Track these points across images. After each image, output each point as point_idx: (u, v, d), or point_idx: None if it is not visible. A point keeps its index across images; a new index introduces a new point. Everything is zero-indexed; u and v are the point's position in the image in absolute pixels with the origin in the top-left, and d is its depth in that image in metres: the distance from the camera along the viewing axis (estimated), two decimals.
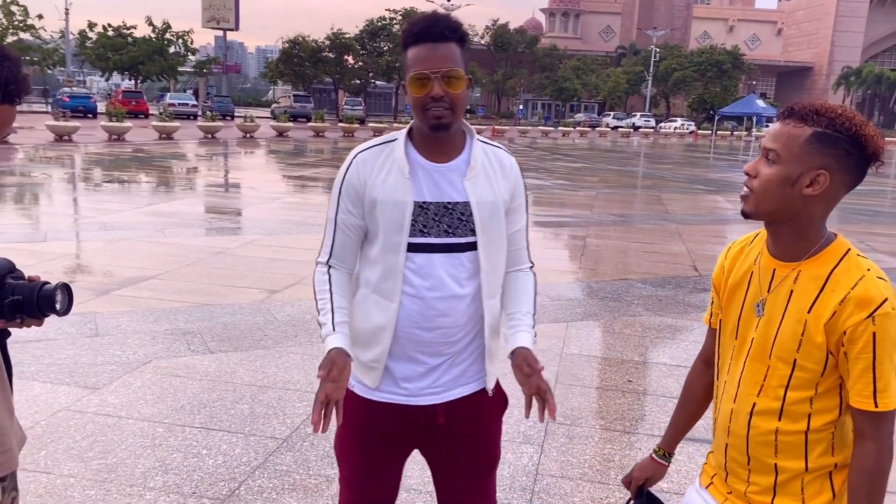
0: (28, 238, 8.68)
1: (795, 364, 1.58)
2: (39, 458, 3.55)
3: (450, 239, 1.90)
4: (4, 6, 44.29)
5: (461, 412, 1.98)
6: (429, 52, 1.82)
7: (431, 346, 1.93)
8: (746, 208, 1.61)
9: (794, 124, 1.53)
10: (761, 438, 1.64)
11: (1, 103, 1.55)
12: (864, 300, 1.49)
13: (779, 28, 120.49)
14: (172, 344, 5.25)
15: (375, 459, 2.03)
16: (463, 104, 1.86)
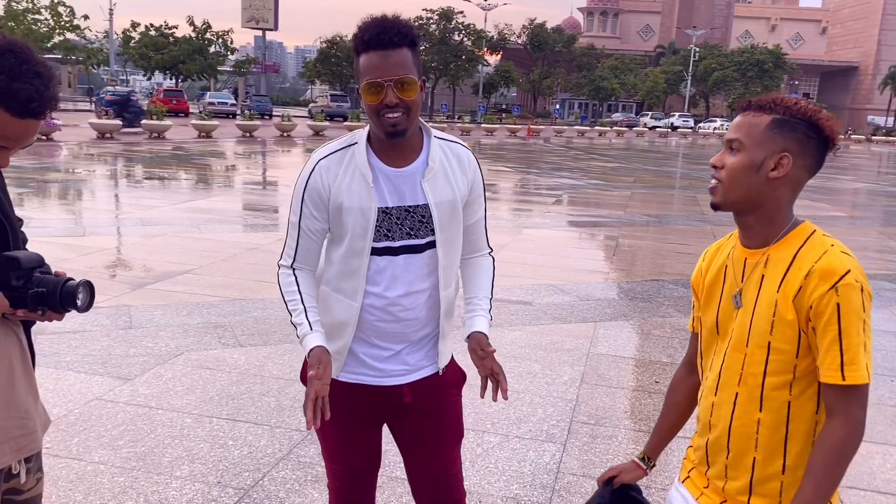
0: (69, 232, 8.91)
1: (770, 347, 1.59)
2: (72, 444, 3.65)
3: (412, 241, 1.99)
4: (52, 7, 45.33)
5: (425, 390, 2.11)
6: (381, 60, 1.84)
7: (394, 336, 2.05)
8: (715, 199, 1.65)
9: (753, 114, 1.61)
10: (743, 430, 1.64)
11: (23, 117, 1.59)
12: (826, 272, 1.51)
13: (823, 27, 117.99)
14: (204, 337, 5.35)
15: (350, 432, 2.14)
16: (417, 108, 1.91)
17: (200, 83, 67.06)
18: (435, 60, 67.04)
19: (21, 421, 1.77)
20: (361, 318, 2.01)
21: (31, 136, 1.66)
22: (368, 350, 2.06)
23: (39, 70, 1.59)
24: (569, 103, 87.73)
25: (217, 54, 60.42)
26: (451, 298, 2.10)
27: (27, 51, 1.60)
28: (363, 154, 1.95)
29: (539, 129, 50.94)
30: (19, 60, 1.56)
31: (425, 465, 2.20)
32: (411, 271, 2.00)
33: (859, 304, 1.51)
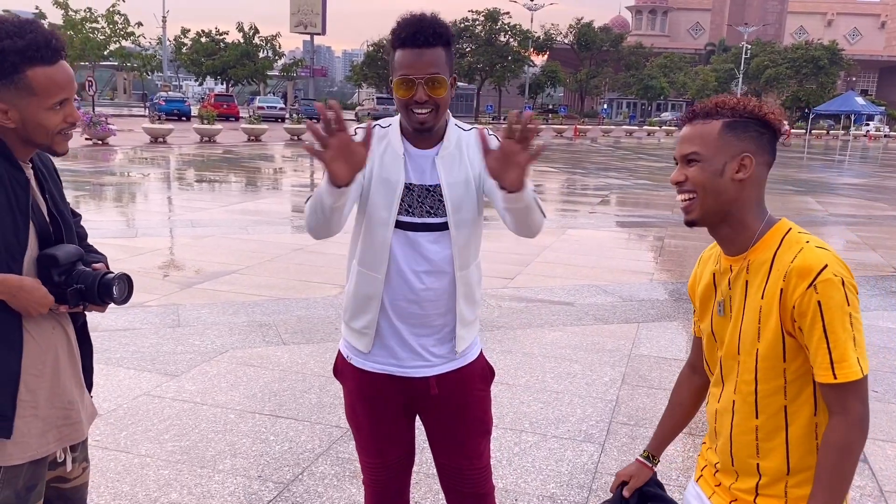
0: (121, 234, 9.17)
1: (758, 354, 1.58)
2: (120, 438, 3.77)
3: (431, 219, 2.03)
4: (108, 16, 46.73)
5: (452, 383, 2.14)
6: (414, 58, 1.91)
7: (416, 318, 2.07)
8: (692, 215, 1.63)
9: (702, 122, 1.61)
10: (743, 438, 1.64)
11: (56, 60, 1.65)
12: (803, 270, 1.50)
13: (882, 21, 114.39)
14: (249, 335, 5.46)
15: (382, 423, 2.18)
16: (446, 105, 1.98)
17: (250, 88, 68.29)
18: (481, 62, 67.07)
19: (65, 411, 1.84)
20: (385, 295, 2.05)
21: (72, 76, 1.72)
22: (395, 338, 2.09)
23: (22, 22, 1.66)
24: (617, 103, 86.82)
25: (266, 59, 61.46)
26: (469, 280, 2.11)
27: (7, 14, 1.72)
28: (397, 133, 2.05)
29: (586, 129, 50.51)
30: (11, 22, 1.64)
31: (451, 456, 2.23)
32: (430, 249, 2.04)
33: (841, 298, 1.48)
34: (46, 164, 1.88)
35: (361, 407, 2.18)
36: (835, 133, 61.39)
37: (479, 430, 2.23)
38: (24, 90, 1.63)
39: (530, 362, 5.09)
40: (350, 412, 2.23)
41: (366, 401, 2.17)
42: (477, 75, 68.49)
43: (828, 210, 14.63)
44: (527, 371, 4.93)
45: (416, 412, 2.24)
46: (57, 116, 1.69)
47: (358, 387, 2.17)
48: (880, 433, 4.20)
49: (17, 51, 1.59)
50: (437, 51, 1.93)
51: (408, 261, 2.03)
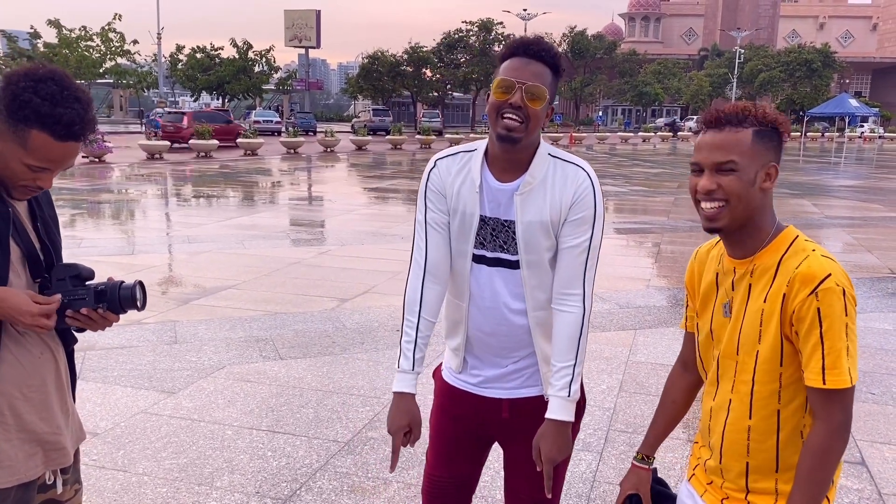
0: (118, 251, 9.18)
1: (758, 356, 1.61)
2: (117, 457, 3.77)
3: (503, 255, 2.00)
4: (103, 34, 46.81)
5: (526, 410, 2.08)
6: (520, 64, 1.90)
7: (494, 349, 2.07)
8: (720, 223, 1.61)
9: (734, 130, 1.60)
10: (735, 436, 1.66)
11: (66, 140, 1.68)
12: (807, 277, 1.53)
13: (874, 23, 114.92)
14: (246, 351, 5.46)
15: (451, 439, 2.19)
16: (538, 122, 1.90)
17: (246, 102, 68.44)
18: (476, 72, 67.20)
19: (54, 436, 1.85)
20: (468, 324, 2.07)
21: (72, 158, 1.74)
22: (475, 359, 2.11)
23: (79, 95, 1.68)
24: (612, 110, 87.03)
25: (261, 73, 61.60)
26: (545, 322, 2.03)
27: (66, 78, 1.69)
28: (478, 162, 2.00)
29: (582, 137, 50.61)
30: (60, 87, 1.65)
31: (521, 485, 2.16)
32: (505, 285, 2.01)
33: (841, 309, 1.52)
34: (45, 192, 1.89)
35: (439, 417, 2.21)
36: (830, 135, 61.54)
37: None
38: (19, 139, 1.65)
39: None
40: (432, 417, 2.26)
41: (446, 412, 2.19)
42: (472, 85, 68.63)
43: (823, 212, 14.66)
44: None
45: (492, 436, 2.18)
46: (30, 175, 1.70)
47: (441, 397, 2.21)
48: (878, 435, 4.21)
49: (38, 113, 1.62)
50: (544, 67, 1.91)
51: (483, 294, 2.02)
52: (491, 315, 2.02)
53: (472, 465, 2.23)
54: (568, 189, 1.94)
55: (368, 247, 9.83)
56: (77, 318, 1.80)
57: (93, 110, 1.73)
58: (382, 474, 3.64)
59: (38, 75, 1.65)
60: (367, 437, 4.05)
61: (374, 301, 6.92)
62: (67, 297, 1.78)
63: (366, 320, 6.30)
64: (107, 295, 1.81)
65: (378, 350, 5.52)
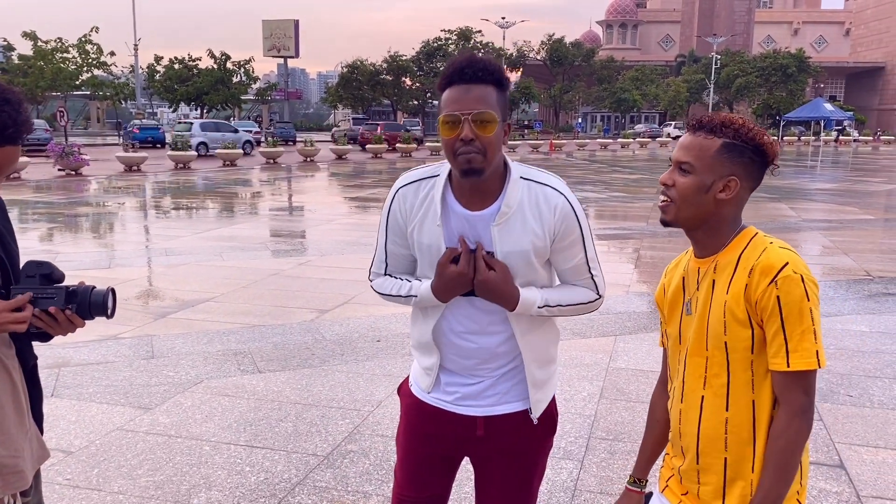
0: (95, 265, 9.06)
1: (727, 347, 1.65)
2: (92, 475, 3.70)
3: None
4: (80, 45, 46.45)
5: (501, 428, 2.02)
6: (461, 94, 1.77)
7: (469, 368, 2.02)
8: (667, 217, 1.74)
9: (704, 136, 1.67)
10: (711, 432, 1.68)
11: (2, 145, 1.63)
12: (766, 267, 1.59)
13: (847, 28, 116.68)
14: (223, 364, 5.40)
15: (421, 458, 2.12)
16: (495, 148, 1.80)
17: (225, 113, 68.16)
18: None
19: (11, 460, 1.80)
20: (442, 342, 2.00)
21: (13, 163, 1.69)
22: (450, 377, 2.04)
23: (8, 97, 1.63)
24: (591, 117, 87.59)
25: (240, 84, 61.39)
26: (536, 345, 1.99)
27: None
28: (440, 190, 1.89)
29: (562, 144, 50.88)
30: None
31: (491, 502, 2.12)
32: (484, 313, 1.94)
33: (800, 293, 1.58)
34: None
35: (407, 435, 2.13)
36: (806, 139, 62.28)
37: (524, 479, 2.08)
38: None
39: None
40: (400, 436, 2.18)
41: (413, 430, 2.11)
42: None
43: (801, 216, 14.81)
44: None
45: (465, 455, 2.13)
46: None
47: (409, 414, 2.12)
48: (856, 438, 4.23)
49: None
50: (486, 88, 1.78)
51: (460, 321, 1.96)
52: (468, 340, 1.97)
53: (443, 485, 2.16)
54: (546, 216, 1.87)
55: (348, 256, 9.79)
56: (42, 318, 1.71)
57: (25, 111, 1.67)
58: (362, 488, 3.61)
59: None
60: (346, 451, 4.01)
61: (353, 312, 6.88)
62: (36, 294, 1.70)
63: (345, 331, 6.26)
64: (77, 297, 1.72)
65: (358, 361, 5.48)
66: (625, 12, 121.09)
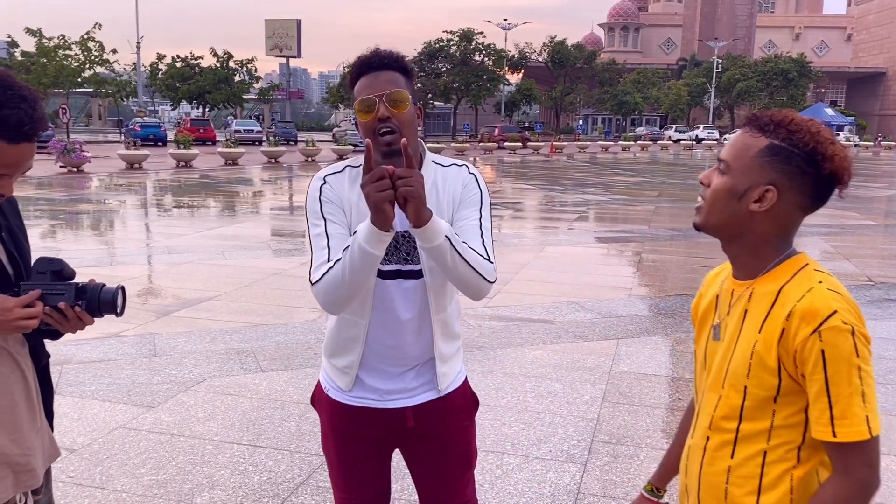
0: (96, 262, 9.06)
1: (746, 392, 1.45)
2: (95, 473, 3.70)
3: (403, 266, 1.98)
4: (82, 43, 46.40)
5: (430, 415, 2.08)
6: (371, 80, 1.89)
7: (393, 361, 2.04)
8: (697, 220, 1.54)
9: (751, 133, 1.44)
10: (712, 479, 1.52)
11: (18, 142, 1.62)
12: (808, 313, 1.35)
13: (848, 34, 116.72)
14: (226, 363, 5.40)
15: (356, 459, 2.13)
16: (410, 127, 1.89)
17: (227, 111, 68.18)
18: (457, 81, 67.43)
19: (23, 458, 1.80)
20: (367, 338, 2.01)
21: (28, 160, 1.67)
22: (372, 373, 2.06)
23: (24, 94, 1.62)
24: (592, 119, 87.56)
25: (242, 83, 61.38)
26: (446, 320, 2.07)
27: (8, 78, 1.63)
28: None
29: (562, 146, 50.88)
30: (3, 87, 1.59)
31: (433, 491, 2.18)
32: (405, 297, 1.98)
33: (849, 350, 1.34)
34: (9, 200, 1.85)
35: (335, 440, 2.14)
36: None
37: (462, 463, 2.17)
38: None
39: (511, 382, 5.08)
40: (324, 444, 2.19)
41: (340, 434, 2.12)
42: (453, 94, 68.83)
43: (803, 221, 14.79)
44: (508, 392, 4.91)
45: (395, 447, 2.19)
46: None
47: (334, 419, 2.12)
48: None
49: None
50: (394, 73, 1.90)
51: (386, 307, 1.99)
52: (394, 328, 1.99)
53: (383, 480, 2.19)
54: (456, 185, 2.00)
55: None
56: (51, 315, 1.71)
57: (41, 108, 1.66)
58: None
59: None
60: None
61: None
62: (45, 291, 1.71)
63: None
64: (87, 294, 1.73)
65: None
66: (626, 15, 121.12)
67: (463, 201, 1.99)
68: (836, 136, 1.53)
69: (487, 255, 1.92)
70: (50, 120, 39.50)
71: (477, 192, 2.01)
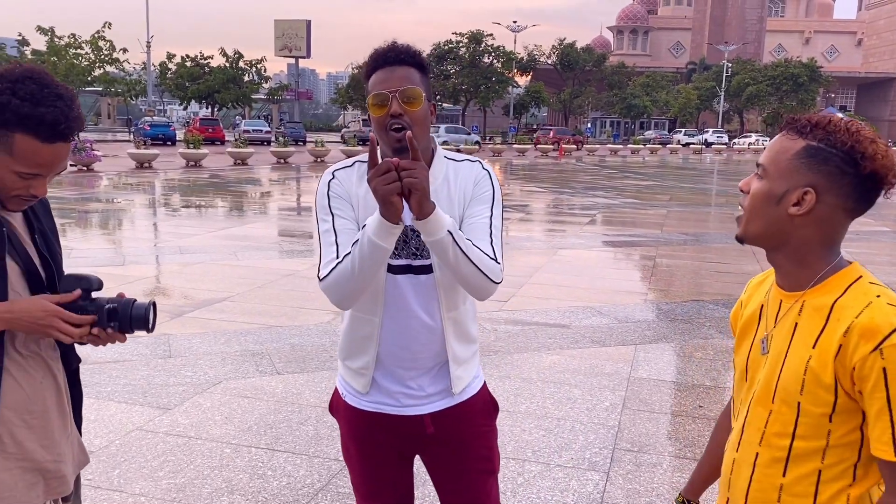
0: (109, 262, 9.05)
1: (800, 409, 1.40)
2: (113, 476, 3.66)
3: (413, 261, 1.95)
4: (93, 41, 46.59)
5: (449, 421, 2.05)
6: (386, 75, 1.86)
7: (407, 363, 2.00)
8: (738, 230, 1.49)
9: (789, 137, 1.41)
10: (762, 496, 1.46)
11: (53, 141, 1.58)
12: (869, 330, 1.30)
13: (859, 39, 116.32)
14: (242, 365, 5.36)
15: (376, 465, 2.10)
16: (423, 124, 1.88)
17: (235, 111, 68.34)
18: (465, 83, 67.44)
19: (54, 465, 1.76)
20: (381, 338, 1.98)
21: (63, 160, 1.64)
22: (389, 377, 2.02)
23: (61, 92, 1.59)
24: (600, 122, 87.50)
25: (251, 83, 61.50)
26: (460, 320, 2.03)
27: (46, 76, 1.60)
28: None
29: (571, 149, 50.77)
30: (40, 86, 1.56)
31: (456, 498, 2.14)
32: (416, 293, 1.96)
33: None
34: (41, 201, 1.81)
35: (356, 447, 2.11)
36: None
37: (484, 468, 2.13)
38: (3, 146, 1.56)
39: (529, 388, 5.03)
40: (345, 451, 2.16)
41: (360, 441, 2.09)
42: (462, 96, 68.82)
43: None
44: (526, 397, 4.86)
45: (416, 453, 2.15)
46: (21, 183, 1.60)
47: (353, 426, 2.09)
48: None
49: (18, 115, 1.52)
50: (409, 69, 1.87)
51: (397, 305, 1.96)
52: (406, 325, 1.96)
53: (406, 485, 2.17)
54: (468, 181, 1.97)
55: None
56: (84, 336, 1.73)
57: (77, 107, 1.62)
58: None
59: (15, 75, 1.56)
60: None
61: None
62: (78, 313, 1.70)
63: None
64: (118, 314, 1.72)
65: None
66: (635, 18, 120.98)
67: (474, 198, 1.97)
68: None
69: (494, 254, 1.89)
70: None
71: (489, 190, 1.98)
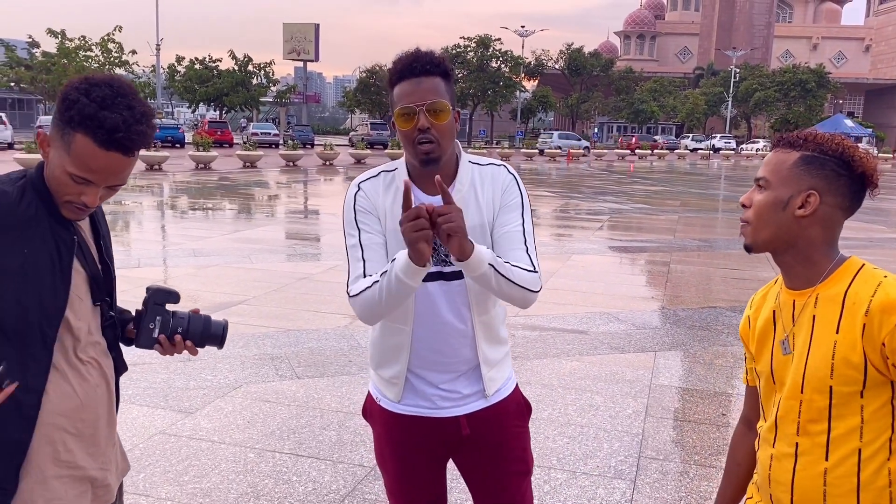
0: (122, 264, 9.05)
1: (832, 392, 1.49)
2: (139, 480, 3.65)
3: (443, 268, 1.96)
4: (102, 44, 46.78)
5: (484, 422, 2.06)
6: (413, 87, 1.86)
7: (443, 365, 2.02)
8: (746, 241, 1.61)
9: (783, 151, 1.56)
10: (808, 483, 1.53)
11: (108, 148, 1.55)
12: (888, 305, 1.43)
13: (867, 44, 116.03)
14: (261, 369, 5.35)
15: (411, 468, 2.12)
16: (449, 136, 1.89)
17: (244, 114, 68.47)
18: (473, 87, 67.48)
19: (101, 473, 1.75)
20: (413, 346, 2.00)
21: (118, 174, 1.59)
22: (422, 380, 2.03)
23: (133, 104, 1.56)
24: (607, 127, 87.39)
25: (259, 86, 61.65)
26: (490, 323, 2.04)
27: (125, 86, 1.58)
28: (403, 176, 1.97)
29: (579, 153, 50.74)
30: (114, 92, 1.55)
31: (491, 499, 2.14)
32: (447, 299, 1.97)
33: None
34: (99, 207, 1.81)
35: (391, 451, 2.11)
36: None
37: (519, 469, 2.14)
38: (65, 143, 1.55)
39: (551, 394, 5.00)
40: (379, 456, 2.17)
41: (395, 444, 2.10)
42: (469, 100, 68.85)
43: None
44: (548, 404, 4.83)
45: (449, 456, 2.15)
46: (73, 188, 1.58)
47: (387, 430, 2.10)
48: None
49: (82, 114, 1.51)
50: (435, 80, 1.88)
51: (428, 312, 1.97)
52: (437, 331, 1.98)
53: (440, 487, 2.18)
54: (496, 187, 1.99)
55: None
56: (163, 343, 1.82)
57: (149, 124, 1.59)
58: None
59: (96, 80, 1.56)
60: None
61: None
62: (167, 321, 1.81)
63: None
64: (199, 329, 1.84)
65: None
66: (643, 24, 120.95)
67: (504, 206, 1.98)
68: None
69: (532, 264, 1.92)
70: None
71: (517, 197, 2.00)
